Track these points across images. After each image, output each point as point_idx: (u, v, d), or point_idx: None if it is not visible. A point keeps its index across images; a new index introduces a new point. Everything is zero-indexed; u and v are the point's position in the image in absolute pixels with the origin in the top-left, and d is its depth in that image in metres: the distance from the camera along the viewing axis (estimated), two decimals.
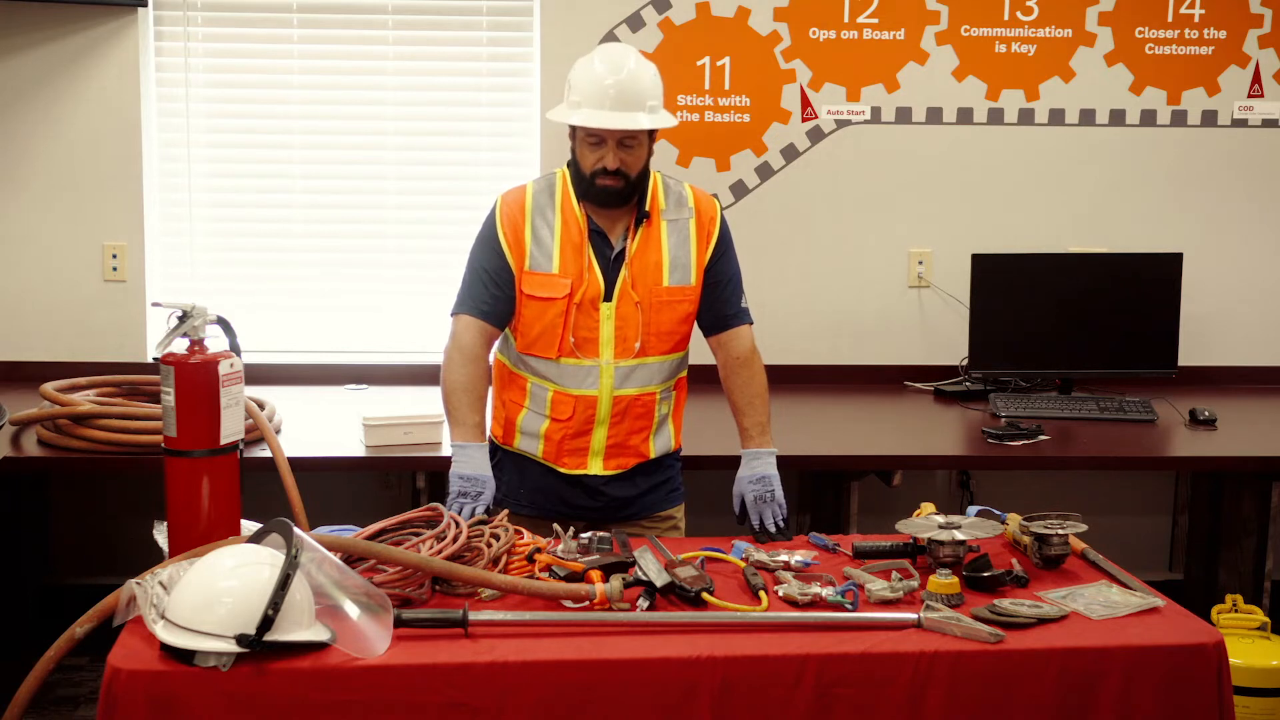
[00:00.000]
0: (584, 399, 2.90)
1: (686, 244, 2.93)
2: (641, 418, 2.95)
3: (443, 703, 2.11)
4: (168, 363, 2.34)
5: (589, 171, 2.83)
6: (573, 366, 2.89)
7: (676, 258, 2.92)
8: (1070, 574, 2.55)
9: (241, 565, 2.13)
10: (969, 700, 2.20)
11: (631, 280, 2.88)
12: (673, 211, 2.94)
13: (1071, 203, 4.42)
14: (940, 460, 3.90)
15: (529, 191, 2.94)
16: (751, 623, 2.28)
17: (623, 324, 2.88)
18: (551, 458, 2.96)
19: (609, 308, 2.87)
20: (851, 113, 4.35)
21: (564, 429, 2.93)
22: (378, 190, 4.39)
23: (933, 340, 4.44)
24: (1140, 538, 4.51)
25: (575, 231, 2.88)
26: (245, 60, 4.31)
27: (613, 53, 2.89)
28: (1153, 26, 4.35)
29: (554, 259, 2.88)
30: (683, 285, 2.92)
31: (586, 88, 2.81)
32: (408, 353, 4.35)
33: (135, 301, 4.26)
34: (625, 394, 2.91)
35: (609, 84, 2.79)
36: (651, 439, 2.99)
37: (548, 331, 2.88)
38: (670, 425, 3.03)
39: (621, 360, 2.89)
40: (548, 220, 2.90)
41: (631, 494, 3.00)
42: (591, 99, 2.80)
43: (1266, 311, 4.51)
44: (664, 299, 2.90)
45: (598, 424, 2.92)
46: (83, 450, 3.42)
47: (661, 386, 2.97)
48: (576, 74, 2.85)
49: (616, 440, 2.95)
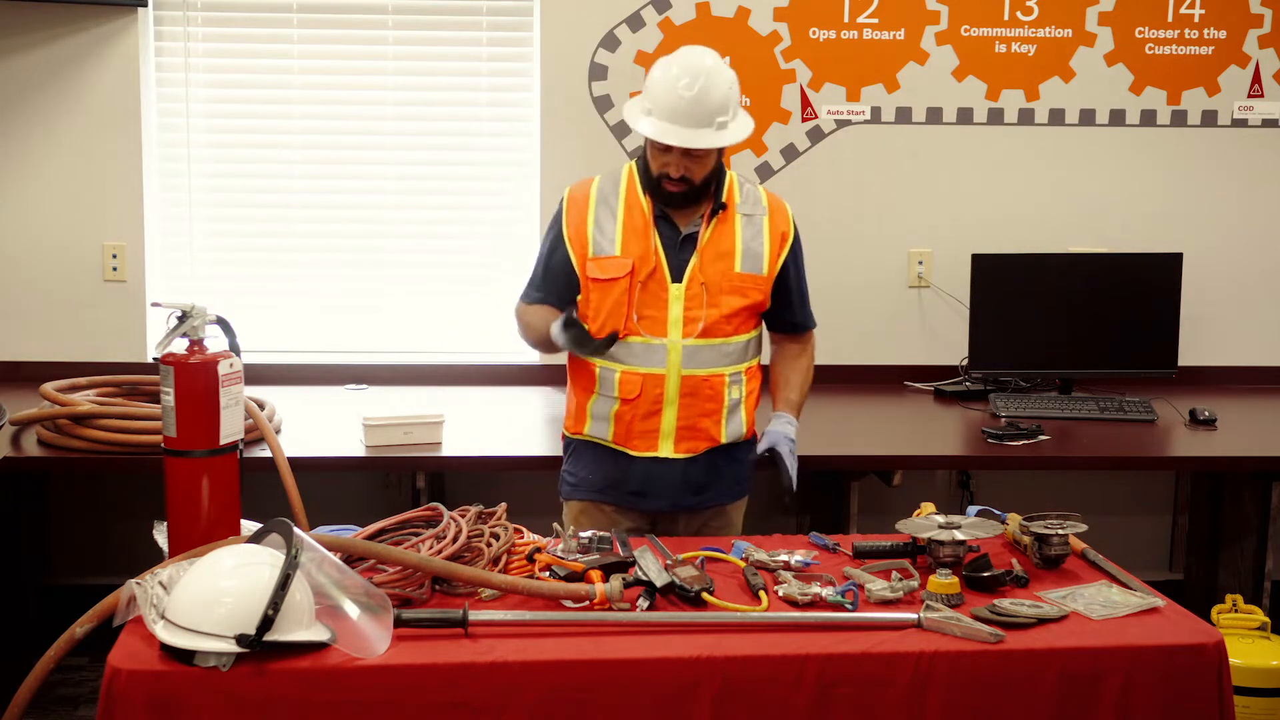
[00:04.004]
0: (651, 377, 2.93)
1: (760, 237, 2.98)
2: (710, 399, 2.96)
3: (443, 703, 2.11)
4: (168, 363, 2.34)
5: (656, 174, 2.90)
6: (640, 345, 2.92)
7: (749, 248, 2.97)
8: (1070, 574, 2.55)
9: (241, 565, 2.13)
10: (969, 700, 2.20)
11: (702, 264, 2.92)
12: (747, 206, 2.99)
13: (1071, 203, 4.42)
14: (940, 460, 3.90)
15: (595, 183, 3.01)
16: (751, 623, 2.28)
17: (691, 304, 2.92)
18: (622, 440, 2.98)
19: (678, 289, 2.92)
20: (851, 113, 4.35)
21: (633, 410, 2.95)
22: (377, 190, 4.39)
23: (933, 340, 4.44)
24: (1140, 538, 4.51)
25: (639, 217, 2.94)
26: (245, 60, 4.31)
27: (691, 61, 2.87)
28: (1153, 26, 4.35)
29: (616, 242, 2.93)
30: (754, 274, 2.97)
31: (659, 95, 2.83)
32: (408, 353, 4.35)
33: (135, 301, 4.26)
34: (693, 374, 2.93)
35: (681, 97, 2.80)
36: (723, 423, 2.99)
37: (614, 312, 2.92)
38: (743, 411, 3.03)
39: (688, 339, 2.92)
40: (611, 208, 2.96)
41: (699, 482, 3.01)
42: (662, 109, 2.82)
43: (1266, 311, 4.51)
44: (735, 284, 2.94)
45: (666, 403, 2.94)
46: (83, 450, 3.42)
47: (730, 370, 2.98)
48: (654, 78, 2.88)
49: (686, 422, 2.96)
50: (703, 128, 2.82)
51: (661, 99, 2.83)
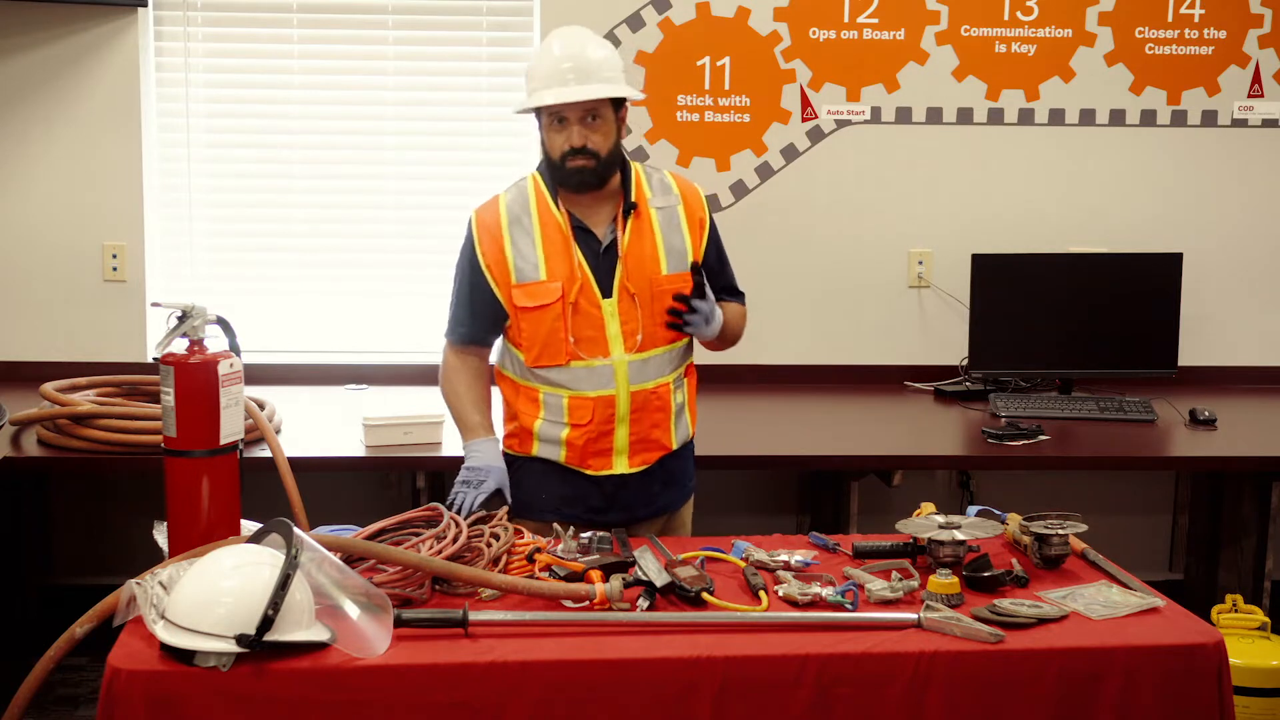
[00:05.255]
0: (602, 399, 2.85)
1: (679, 230, 2.89)
2: (659, 410, 2.90)
3: (443, 703, 2.11)
4: (168, 363, 2.34)
5: (558, 156, 2.79)
6: (584, 369, 2.84)
7: (672, 245, 2.88)
8: (1070, 574, 2.54)
9: (241, 565, 2.13)
10: (969, 700, 2.20)
11: (627, 273, 2.84)
12: (659, 199, 2.90)
13: (1071, 203, 4.42)
14: (940, 460, 3.89)
15: (502, 203, 2.89)
16: (751, 623, 2.28)
17: (626, 318, 2.84)
18: (575, 461, 2.90)
19: (610, 304, 2.83)
20: (851, 113, 4.35)
21: (585, 433, 2.86)
22: (377, 190, 4.39)
23: (933, 340, 4.44)
24: (1140, 538, 4.51)
25: (557, 232, 2.83)
26: (245, 60, 4.31)
27: (564, 33, 2.86)
28: (1153, 26, 4.35)
29: (540, 266, 2.83)
30: (681, 273, 2.87)
31: (540, 69, 2.78)
32: (408, 353, 4.35)
33: (135, 301, 4.26)
34: (642, 388, 2.86)
35: (564, 63, 2.76)
36: (672, 429, 2.94)
37: (550, 339, 2.83)
38: (686, 413, 2.99)
39: (632, 354, 2.85)
40: (526, 228, 2.85)
41: (652, 491, 2.95)
42: (550, 80, 2.76)
43: (1266, 311, 4.51)
44: (664, 288, 2.85)
45: (618, 422, 2.87)
46: (83, 450, 3.42)
47: (674, 375, 2.93)
48: (532, 62, 2.83)
49: (639, 435, 2.89)
50: (590, 83, 2.76)
51: (546, 71, 2.76)
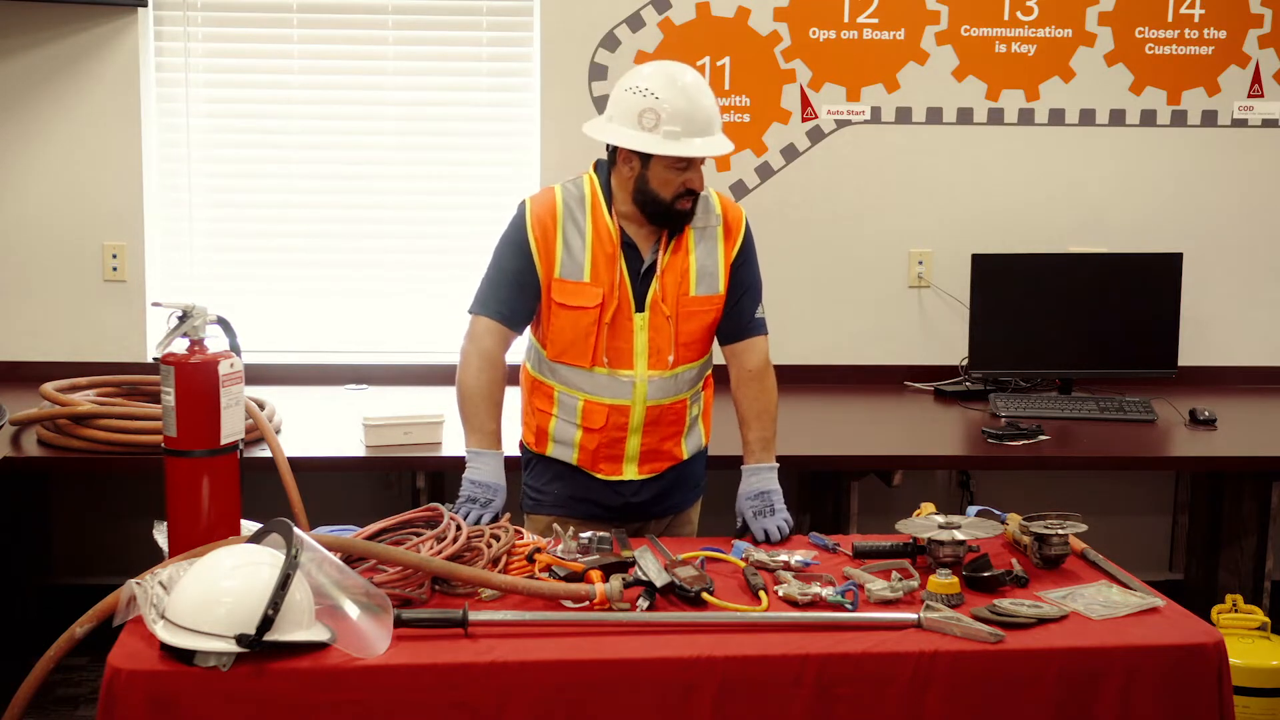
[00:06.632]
0: (617, 408, 2.87)
1: (714, 253, 2.90)
2: (674, 424, 2.94)
3: (443, 703, 2.11)
4: (168, 363, 2.34)
5: (671, 197, 2.76)
6: (606, 377, 2.86)
7: (704, 267, 2.88)
8: (1070, 574, 2.55)
9: (241, 565, 2.13)
10: (969, 700, 2.20)
11: (662, 292, 2.84)
12: (701, 219, 2.89)
13: (1071, 203, 4.42)
14: (940, 460, 3.90)
15: (559, 196, 2.87)
16: (751, 623, 2.28)
17: (656, 335, 2.85)
18: (587, 464, 2.93)
19: (642, 319, 2.84)
20: (851, 113, 4.35)
21: (598, 438, 2.90)
22: (377, 190, 4.38)
23: (933, 340, 4.44)
24: (1140, 538, 4.51)
25: (608, 243, 2.82)
26: (245, 60, 4.31)
27: (693, 77, 2.80)
28: (1153, 26, 4.35)
29: (585, 268, 2.83)
30: (710, 295, 2.88)
31: (680, 108, 2.71)
32: (408, 353, 4.35)
33: (135, 301, 4.26)
34: (658, 404, 2.89)
35: (707, 111, 2.75)
36: (684, 441, 2.98)
37: (579, 341, 2.85)
38: (700, 425, 3.02)
39: (655, 372, 2.86)
40: (579, 227, 2.84)
41: (662, 493, 2.98)
42: (698, 128, 2.73)
43: (1266, 311, 4.51)
44: (691, 309, 2.86)
45: (631, 432, 2.90)
46: (83, 450, 3.42)
47: (691, 391, 2.96)
48: (666, 104, 2.71)
49: (650, 446, 2.92)
50: (719, 132, 2.79)
51: (683, 111, 2.71)
